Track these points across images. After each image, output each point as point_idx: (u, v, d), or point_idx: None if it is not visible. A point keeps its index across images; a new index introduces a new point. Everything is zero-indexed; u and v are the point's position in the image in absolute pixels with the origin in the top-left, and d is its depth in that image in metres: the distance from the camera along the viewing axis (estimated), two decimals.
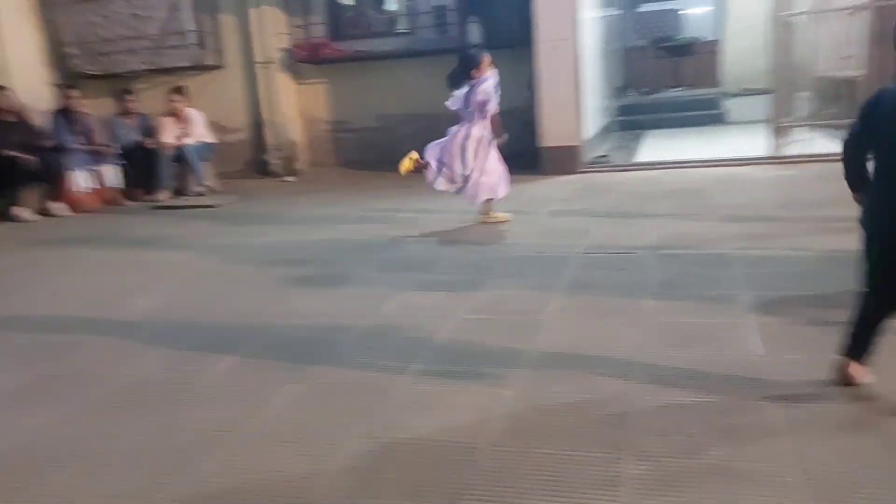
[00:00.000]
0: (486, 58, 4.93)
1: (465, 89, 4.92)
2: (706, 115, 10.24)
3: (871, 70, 6.67)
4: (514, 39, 7.11)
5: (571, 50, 6.74)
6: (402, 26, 8.17)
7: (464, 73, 4.92)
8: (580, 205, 5.52)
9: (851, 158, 2.22)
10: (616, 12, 11.07)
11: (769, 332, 2.73)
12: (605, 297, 3.31)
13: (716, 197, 5.36)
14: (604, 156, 7.46)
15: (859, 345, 2.25)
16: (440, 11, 7.86)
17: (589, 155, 7.21)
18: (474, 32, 7.48)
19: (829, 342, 2.35)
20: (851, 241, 2.10)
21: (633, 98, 11.82)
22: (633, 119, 10.19)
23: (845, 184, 2.27)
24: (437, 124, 5.42)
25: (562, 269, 3.81)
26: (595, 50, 8.02)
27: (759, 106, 8.56)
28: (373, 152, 8.01)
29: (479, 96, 4.82)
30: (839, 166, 2.27)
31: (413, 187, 5.80)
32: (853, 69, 7.15)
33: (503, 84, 4.98)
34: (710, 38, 13.25)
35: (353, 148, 8.38)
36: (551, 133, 6.91)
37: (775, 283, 3.28)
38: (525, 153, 6.84)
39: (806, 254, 3.72)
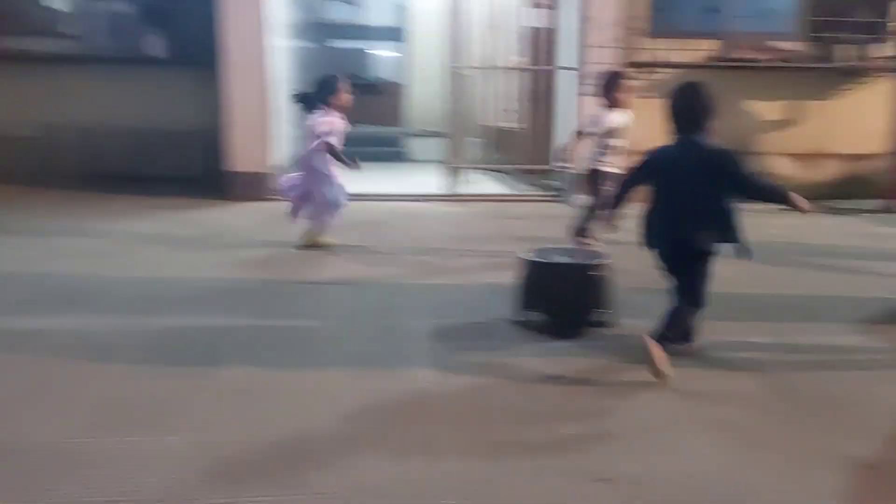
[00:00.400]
0: (345, 87, 4.79)
1: (316, 115, 4.71)
2: (390, 151, 10.86)
3: (528, 123, 7.69)
4: (200, 58, 6.77)
5: (261, 75, 6.65)
6: (68, 27, 7.28)
7: (318, 97, 4.73)
8: (265, 235, 5.39)
9: (626, 190, 3.02)
10: (310, 45, 11.24)
11: (438, 357, 2.91)
12: (285, 325, 3.25)
13: (397, 230, 5.65)
14: None
15: (667, 335, 2.72)
16: (115, 17, 7.19)
17: (274, 183, 7.13)
18: (155, 45, 6.97)
19: (494, 367, 2.59)
20: (508, 275, 2.38)
21: None
22: None
23: (514, 220, 2.56)
24: (109, 140, 4.90)
25: (239, 304, 3.66)
26: (288, 79, 8.01)
27: (436, 147, 9.32)
28: (29, 165, 6.96)
29: (321, 127, 4.65)
30: (503, 205, 2.55)
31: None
32: (514, 122, 8.17)
33: (188, 103, 4.70)
34: (396, 81, 14.14)
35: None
36: (240, 158, 6.70)
37: (445, 311, 3.53)
38: (210, 177, 6.53)
39: (473, 284, 4.08)
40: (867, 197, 7.32)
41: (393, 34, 15.53)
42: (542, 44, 7.56)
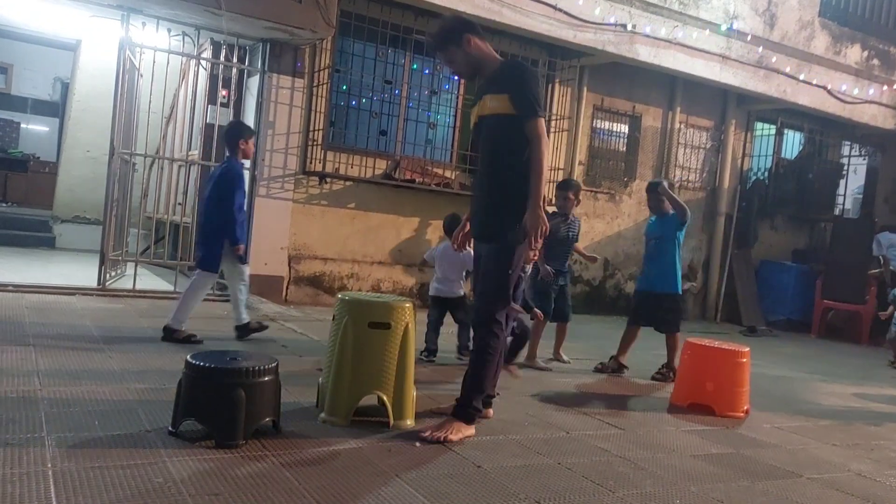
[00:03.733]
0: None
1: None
2: (34, 236, 9.57)
3: (198, 218, 7.34)
4: None
5: None
6: None
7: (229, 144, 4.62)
8: None
9: None
10: None
11: (68, 478, 2.48)
12: None
13: (29, 327, 4.87)
14: None
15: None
16: None
17: None
18: None
19: (133, 487, 2.25)
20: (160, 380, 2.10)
21: None
22: None
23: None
24: None
25: None
26: None
27: (92, 235, 8.43)
28: None
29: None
30: (166, 303, 2.31)
31: None
32: (186, 216, 7.76)
33: None
34: (49, 160, 12.69)
35: None
36: None
37: (83, 424, 3.07)
38: None
39: (119, 391, 3.63)
40: None
41: (49, 109, 14.05)
42: (219, 141, 7.44)
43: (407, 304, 3.51)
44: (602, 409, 4.31)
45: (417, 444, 3.24)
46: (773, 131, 10.92)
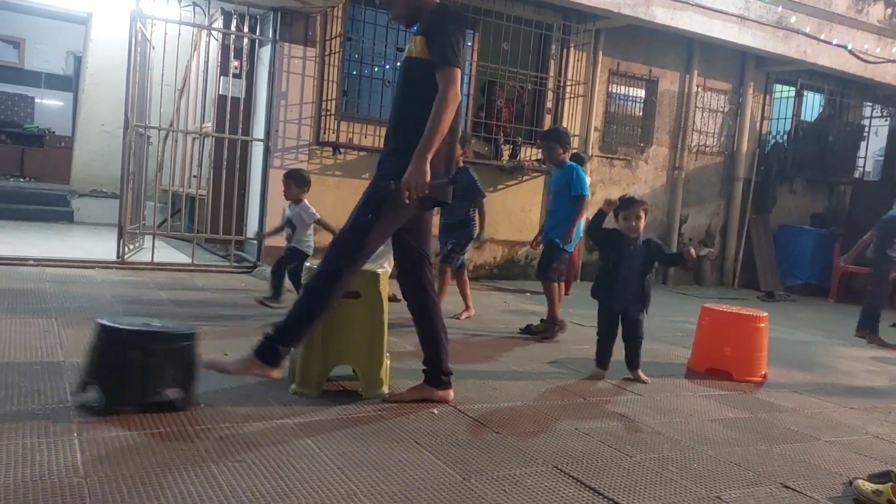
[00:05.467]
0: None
1: None
2: (53, 210, 9.66)
3: (213, 191, 7.39)
4: None
5: None
6: None
7: None
8: None
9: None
10: None
11: (94, 446, 2.53)
12: None
13: (51, 299, 4.93)
14: None
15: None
16: None
17: None
18: None
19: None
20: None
21: None
22: None
23: (189, 292, 2.30)
24: None
25: None
26: None
27: (110, 209, 8.50)
28: None
29: None
30: (181, 275, 2.29)
31: None
32: (201, 189, 7.79)
33: None
34: (65, 134, 12.74)
35: None
36: None
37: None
38: None
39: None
40: (521, 278, 8.41)
41: (62, 83, 14.07)
42: (233, 112, 7.42)
43: (379, 272, 3.36)
44: (618, 374, 4.32)
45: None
46: (792, 93, 10.71)
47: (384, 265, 3.53)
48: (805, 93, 10.88)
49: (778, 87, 10.71)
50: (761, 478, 2.87)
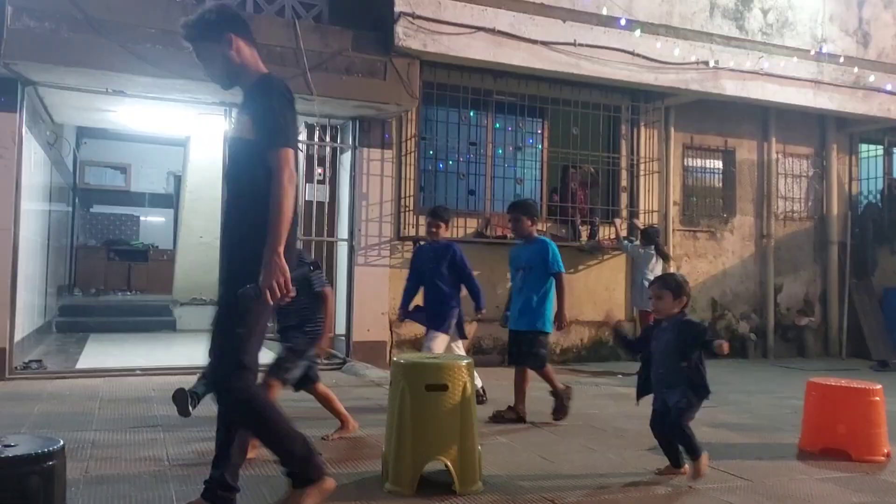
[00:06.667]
0: None
1: None
2: (157, 321, 10.20)
3: None
4: None
5: (10, 241, 6.06)
6: None
7: None
8: None
9: None
10: (65, 208, 10.57)
11: None
12: None
13: (157, 407, 5.16)
14: (37, 360, 6.62)
15: None
16: None
17: (19, 359, 6.32)
18: None
19: None
20: None
21: (78, 299, 11.11)
22: (77, 321, 9.47)
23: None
24: None
25: None
26: (37, 244, 7.36)
27: (210, 315, 8.90)
28: None
29: None
30: None
31: None
32: None
33: None
34: (165, 248, 13.61)
35: None
36: None
37: None
38: None
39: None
40: (611, 359, 8.20)
41: (164, 201, 15.16)
42: (318, 216, 7.79)
43: (463, 363, 3.38)
44: (723, 458, 4.09)
45: None
46: (880, 151, 10.32)
47: (458, 350, 3.52)
48: (894, 150, 10.47)
49: (864, 146, 10.37)
50: None
